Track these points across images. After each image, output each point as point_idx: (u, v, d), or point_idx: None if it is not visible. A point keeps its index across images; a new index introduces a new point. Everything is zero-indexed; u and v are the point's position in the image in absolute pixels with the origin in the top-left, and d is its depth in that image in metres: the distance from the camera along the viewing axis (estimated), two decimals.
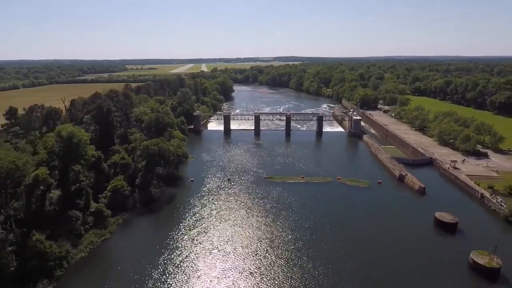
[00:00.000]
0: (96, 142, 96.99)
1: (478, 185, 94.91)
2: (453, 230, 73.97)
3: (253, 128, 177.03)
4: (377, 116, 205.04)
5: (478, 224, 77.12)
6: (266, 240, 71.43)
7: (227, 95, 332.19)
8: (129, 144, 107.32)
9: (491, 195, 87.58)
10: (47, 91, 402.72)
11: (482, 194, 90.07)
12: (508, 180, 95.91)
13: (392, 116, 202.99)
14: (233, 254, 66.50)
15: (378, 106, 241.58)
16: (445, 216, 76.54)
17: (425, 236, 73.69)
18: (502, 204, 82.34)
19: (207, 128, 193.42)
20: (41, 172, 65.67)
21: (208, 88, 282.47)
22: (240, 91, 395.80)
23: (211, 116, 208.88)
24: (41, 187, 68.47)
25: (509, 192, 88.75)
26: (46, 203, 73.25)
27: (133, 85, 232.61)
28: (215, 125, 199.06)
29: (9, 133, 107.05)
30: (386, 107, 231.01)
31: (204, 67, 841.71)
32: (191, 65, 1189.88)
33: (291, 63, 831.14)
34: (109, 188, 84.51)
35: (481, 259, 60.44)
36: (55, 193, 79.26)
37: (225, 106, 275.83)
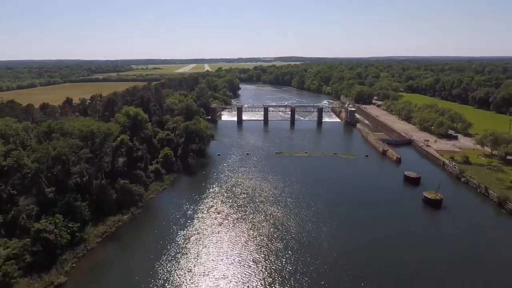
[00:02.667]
0: None
1: (442, 156, 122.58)
2: (417, 183, 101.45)
3: (262, 118, 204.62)
4: (371, 109, 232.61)
5: (436, 179, 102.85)
6: (279, 188, 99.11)
7: (234, 92, 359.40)
8: (168, 126, 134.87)
9: (449, 162, 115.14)
10: (64, 89, 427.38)
11: (443, 162, 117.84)
12: (466, 153, 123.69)
13: (384, 109, 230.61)
14: (258, 197, 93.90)
15: (373, 101, 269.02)
16: (411, 174, 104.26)
17: (396, 187, 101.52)
18: (456, 167, 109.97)
19: (221, 119, 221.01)
20: (125, 137, 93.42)
21: (218, 85, 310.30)
22: (245, 89, 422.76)
23: (225, 109, 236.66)
24: (122, 149, 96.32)
25: (464, 161, 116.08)
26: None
27: (152, 83, 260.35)
28: (227, 117, 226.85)
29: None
30: (379, 102, 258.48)
31: (207, 67, 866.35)
32: (194, 65, 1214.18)
33: (292, 63, 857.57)
34: (161, 155, 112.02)
35: (430, 195, 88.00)
36: (120, 160, 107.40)
37: (233, 102, 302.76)
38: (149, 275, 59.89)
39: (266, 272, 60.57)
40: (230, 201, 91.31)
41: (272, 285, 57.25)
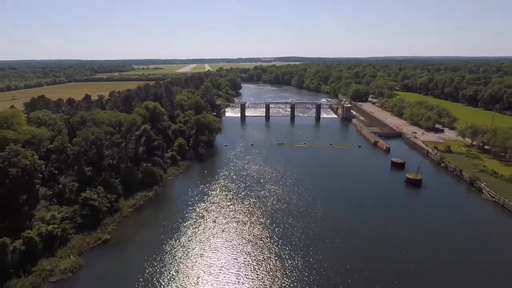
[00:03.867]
0: None
1: (427, 145, 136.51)
2: (402, 167, 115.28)
3: (264, 115, 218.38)
4: (366, 106, 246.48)
5: (419, 164, 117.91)
6: (281, 172, 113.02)
7: (236, 91, 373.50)
8: (179, 119, 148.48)
9: (432, 150, 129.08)
10: (70, 88, 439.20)
11: (427, 150, 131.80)
12: (449, 143, 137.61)
13: (378, 106, 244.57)
14: (262, 178, 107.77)
15: (369, 99, 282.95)
16: (397, 160, 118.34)
17: (384, 171, 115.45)
18: (437, 155, 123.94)
19: (225, 115, 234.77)
20: (147, 127, 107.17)
21: (221, 84, 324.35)
22: (246, 88, 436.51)
23: (228, 106, 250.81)
24: (143, 137, 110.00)
25: (446, 150, 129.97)
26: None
27: (160, 81, 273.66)
28: (230, 113, 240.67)
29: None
30: (375, 100, 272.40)
31: (207, 67, 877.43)
32: (194, 65, 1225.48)
33: (292, 63, 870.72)
34: (175, 144, 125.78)
35: (411, 176, 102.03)
36: (139, 149, 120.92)
37: (236, 100, 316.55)
38: (175, 235, 73.67)
39: (271, 232, 74.37)
40: (239, 181, 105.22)
41: (276, 240, 70.99)
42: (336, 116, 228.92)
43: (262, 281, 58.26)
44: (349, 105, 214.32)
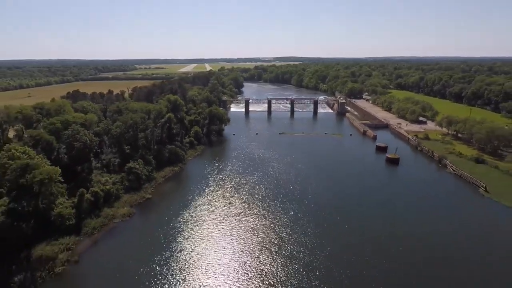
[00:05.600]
0: None
1: (408, 134, 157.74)
2: (385, 150, 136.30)
3: (266, 109, 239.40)
4: (360, 102, 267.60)
5: (399, 149, 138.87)
6: (282, 154, 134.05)
7: (239, 89, 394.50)
8: (195, 111, 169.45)
9: (412, 138, 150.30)
10: (79, 86, 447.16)
11: (408, 138, 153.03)
12: (428, 132, 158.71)
13: (371, 102, 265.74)
14: (267, 159, 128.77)
15: (363, 96, 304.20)
16: (381, 144, 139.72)
17: (369, 154, 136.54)
18: (415, 140, 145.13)
19: (230, 110, 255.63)
20: (171, 115, 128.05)
21: (225, 82, 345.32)
22: (248, 86, 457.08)
23: (233, 102, 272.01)
24: (167, 124, 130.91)
25: (424, 137, 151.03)
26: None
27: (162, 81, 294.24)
28: (235, 108, 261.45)
29: None
30: (368, 97, 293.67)
31: (208, 67, 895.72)
32: (195, 64, 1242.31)
33: (291, 63, 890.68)
34: (192, 131, 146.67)
35: (390, 156, 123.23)
36: (163, 135, 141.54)
37: (239, 97, 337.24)
38: (200, 195, 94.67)
39: (275, 192, 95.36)
40: (247, 160, 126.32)
41: (280, 198, 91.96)
42: (332, 111, 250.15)
43: (271, 223, 79.20)
44: (343, 101, 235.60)
